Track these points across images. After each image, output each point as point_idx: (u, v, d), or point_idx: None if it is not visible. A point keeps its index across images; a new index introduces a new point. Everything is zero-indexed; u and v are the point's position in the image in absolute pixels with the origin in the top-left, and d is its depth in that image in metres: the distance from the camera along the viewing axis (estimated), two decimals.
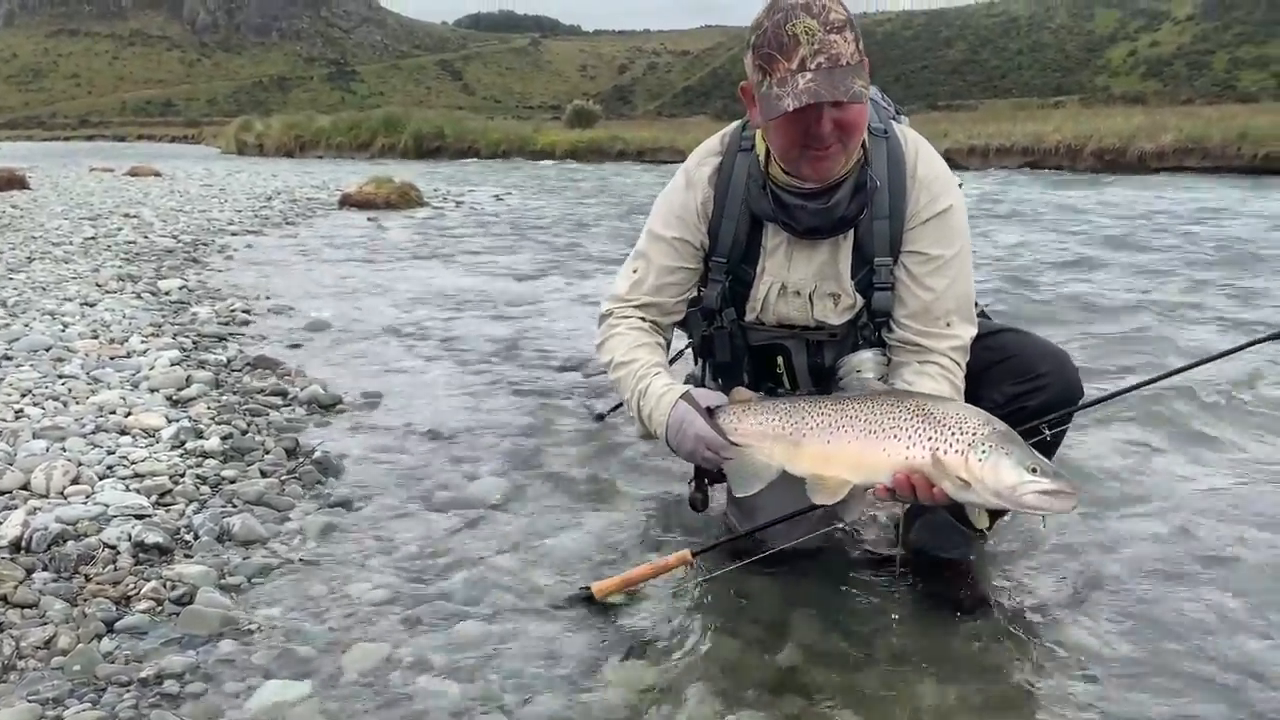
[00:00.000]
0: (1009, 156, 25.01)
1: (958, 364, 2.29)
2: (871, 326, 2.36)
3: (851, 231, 2.30)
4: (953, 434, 1.90)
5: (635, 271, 2.50)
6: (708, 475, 2.60)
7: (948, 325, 2.29)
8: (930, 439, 1.92)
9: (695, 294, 2.51)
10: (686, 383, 2.40)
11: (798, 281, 2.35)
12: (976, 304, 2.41)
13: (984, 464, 1.86)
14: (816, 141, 2.09)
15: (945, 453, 1.90)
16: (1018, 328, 2.58)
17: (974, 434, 1.89)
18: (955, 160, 21.47)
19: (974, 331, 2.33)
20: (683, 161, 2.54)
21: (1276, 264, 8.04)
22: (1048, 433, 2.22)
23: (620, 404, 3.87)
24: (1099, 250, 9.21)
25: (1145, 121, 24.63)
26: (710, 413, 2.23)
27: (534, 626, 2.28)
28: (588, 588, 2.37)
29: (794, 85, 2.00)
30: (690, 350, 2.77)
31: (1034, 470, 1.84)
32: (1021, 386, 2.32)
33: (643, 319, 2.49)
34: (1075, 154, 23.92)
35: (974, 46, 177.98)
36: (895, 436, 1.95)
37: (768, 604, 2.38)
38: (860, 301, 2.34)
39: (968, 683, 2.06)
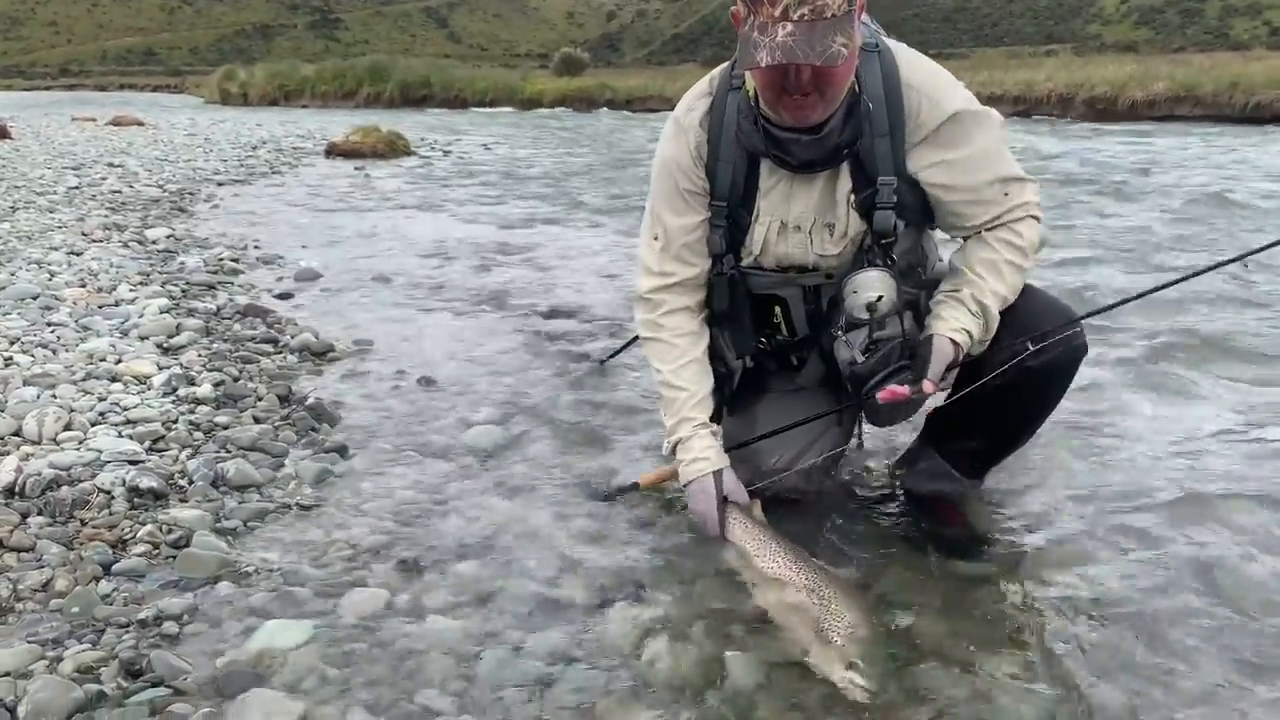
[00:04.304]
0: (1000, 105, 24.47)
1: (1017, 224, 2.28)
2: (877, 250, 2.29)
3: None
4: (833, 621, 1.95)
5: (656, 239, 2.44)
6: None
7: (1005, 194, 2.26)
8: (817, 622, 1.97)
9: None
10: None
11: (798, 216, 2.29)
12: None
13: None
14: (794, 90, 2.04)
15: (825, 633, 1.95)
16: (1026, 283, 2.55)
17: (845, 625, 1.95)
18: None
19: (1034, 191, 2.30)
20: (671, 109, 2.48)
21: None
22: (1031, 346, 2.23)
23: (622, 349, 3.89)
24: (1099, 197, 9.18)
25: (1137, 70, 24.49)
26: (724, 500, 2.39)
27: (533, 567, 2.29)
28: (635, 483, 2.65)
29: (771, 36, 1.93)
30: None
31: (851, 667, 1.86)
32: (1033, 350, 2.30)
33: (685, 307, 2.46)
34: (1067, 102, 23.80)
35: None
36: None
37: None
38: (859, 226, 2.28)
39: (957, 620, 2.08)
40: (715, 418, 2.51)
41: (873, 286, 2.24)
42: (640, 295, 2.51)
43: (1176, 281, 2.56)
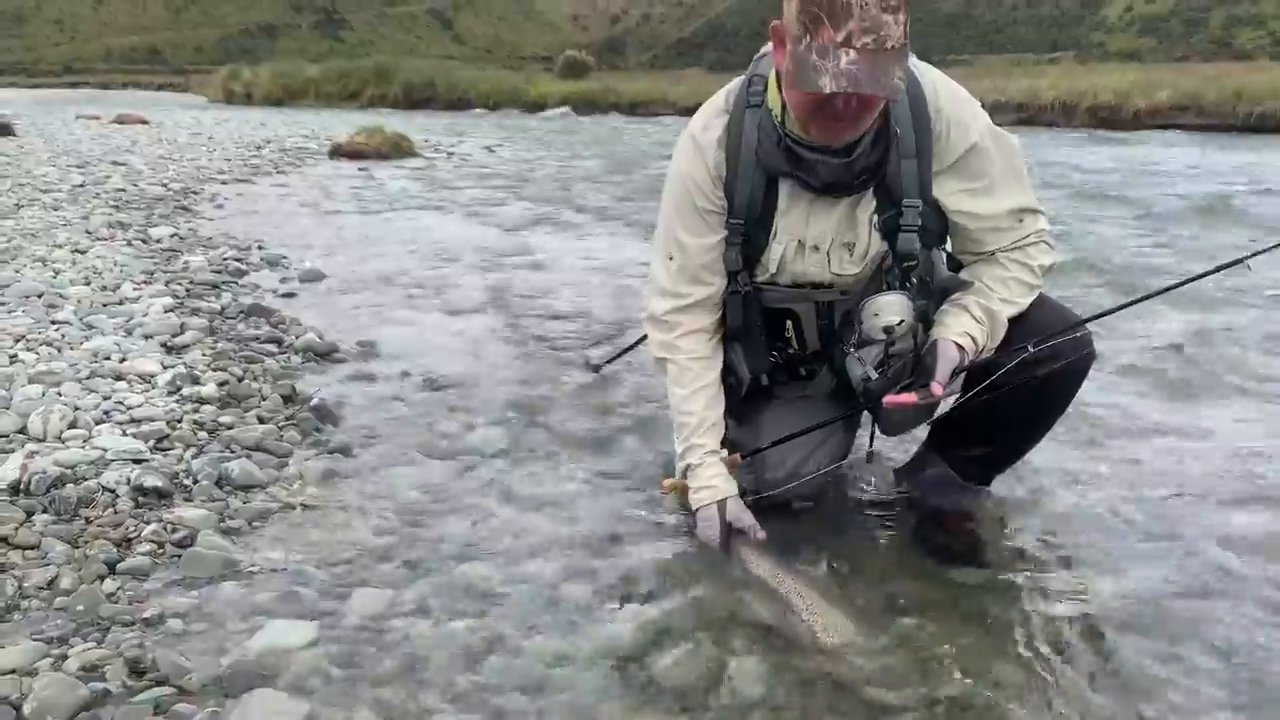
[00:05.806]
0: (1003, 113, 24.74)
1: (1029, 247, 2.30)
2: (897, 271, 2.29)
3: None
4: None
5: (671, 258, 2.41)
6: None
7: (1020, 222, 2.28)
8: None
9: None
10: None
11: (817, 236, 2.28)
12: None
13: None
14: (839, 116, 2.03)
15: None
16: None
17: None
18: None
19: (1046, 221, 2.33)
20: (676, 114, 2.50)
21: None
22: (1031, 349, 2.25)
23: (618, 355, 3.90)
24: (1102, 204, 9.19)
25: (1140, 79, 24.48)
26: (729, 528, 2.39)
27: (535, 570, 2.29)
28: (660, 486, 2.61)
29: (835, 62, 1.89)
30: None
31: None
32: (1033, 351, 2.31)
33: (701, 329, 2.45)
34: (1070, 111, 23.79)
35: (968, 0, 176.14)
36: None
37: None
38: (880, 247, 2.28)
39: (962, 627, 2.08)
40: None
41: (893, 310, 2.24)
42: (655, 317, 2.48)
43: (1180, 284, 2.57)
